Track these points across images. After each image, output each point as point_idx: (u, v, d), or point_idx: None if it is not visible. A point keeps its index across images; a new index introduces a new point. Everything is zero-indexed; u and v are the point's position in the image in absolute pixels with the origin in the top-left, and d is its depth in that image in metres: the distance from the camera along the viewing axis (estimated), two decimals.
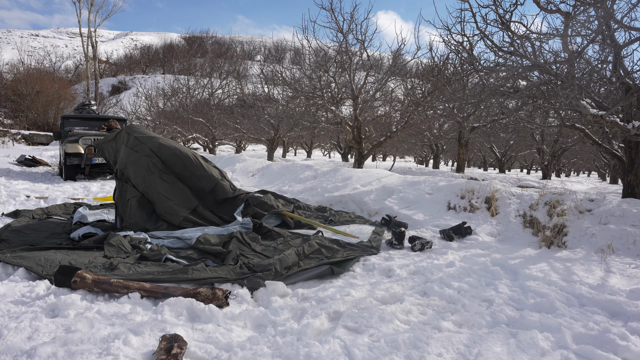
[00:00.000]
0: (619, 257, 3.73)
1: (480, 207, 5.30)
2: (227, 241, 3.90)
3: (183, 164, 4.84)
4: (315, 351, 2.06)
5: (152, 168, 4.65)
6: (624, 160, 5.86)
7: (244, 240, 3.95)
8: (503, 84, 6.35)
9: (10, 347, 2.00)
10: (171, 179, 4.75)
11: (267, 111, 18.42)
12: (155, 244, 3.88)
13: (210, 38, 75.04)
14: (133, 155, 4.69)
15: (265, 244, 4.08)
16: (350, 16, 9.97)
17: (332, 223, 5.23)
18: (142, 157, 4.68)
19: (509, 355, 2.11)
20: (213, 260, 3.52)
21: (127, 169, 4.65)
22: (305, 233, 4.54)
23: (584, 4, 4.96)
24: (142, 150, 4.73)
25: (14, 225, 4.34)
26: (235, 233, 4.02)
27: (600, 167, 24.87)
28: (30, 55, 44.42)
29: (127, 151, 4.73)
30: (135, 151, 4.72)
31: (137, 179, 4.59)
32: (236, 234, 4.01)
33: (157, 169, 4.68)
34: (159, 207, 4.56)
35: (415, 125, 11.81)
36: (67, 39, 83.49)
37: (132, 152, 4.71)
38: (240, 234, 4.03)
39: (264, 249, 3.90)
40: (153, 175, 4.62)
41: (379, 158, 36.01)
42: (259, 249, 3.86)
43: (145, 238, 4.00)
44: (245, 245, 3.89)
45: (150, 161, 4.68)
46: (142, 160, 4.66)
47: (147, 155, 4.70)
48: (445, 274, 3.34)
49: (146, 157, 4.68)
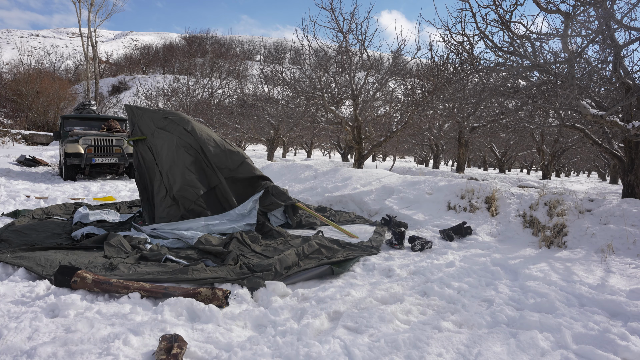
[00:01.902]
0: (619, 257, 3.73)
1: (480, 207, 5.30)
2: (228, 242, 3.90)
3: (215, 142, 5.04)
4: (315, 351, 2.06)
5: (181, 144, 4.84)
6: (624, 160, 5.86)
7: (243, 241, 3.96)
8: (503, 84, 6.36)
9: (10, 347, 2.00)
10: (197, 155, 4.90)
11: (267, 111, 18.43)
12: (155, 244, 3.88)
13: (210, 38, 75.07)
14: (167, 136, 4.90)
15: (265, 244, 4.09)
16: (350, 16, 9.98)
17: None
18: (175, 136, 4.89)
19: (509, 355, 2.11)
20: (213, 260, 3.52)
21: (159, 151, 4.81)
22: (306, 234, 4.54)
23: (584, 4, 4.97)
24: (176, 130, 4.94)
25: (14, 225, 4.34)
26: (236, 234, 4.03)
27: (600, 167, 24.89)
28: (30, 55, 44.46)
29: (162, 133, 4.92)
30: (169, 131, 4.92)
31: (167, 158, 4.74)
32: (236, 234, 4.02)
33: (186, 145, 4.87)
34: (180, 181, 4.64)
35: (415, 125, 11.81)
36: (67, 39, 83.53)
37: (167, 133, 4.91)
38: (241, 234, 4.05)
39: (264, 249, 3.91)
40: (180, 150, 4.80)
41: (379, 158, 36.02)
42: (259, 249, 3.87)
43: (145, 238, 4.01)
44: (245, 246, 3.90)
45: (181, 139, 4.87)
46: (174, 139, 4.86)
47: (179, 135, 4.90)
48: (445, 274, 3.34)
49: (178, 138, 4.88)
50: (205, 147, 4.90)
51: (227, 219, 4.66)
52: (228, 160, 4.99)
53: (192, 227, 4.39)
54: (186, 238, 4.11)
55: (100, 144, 9.66)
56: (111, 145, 9.78)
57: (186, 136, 4.91)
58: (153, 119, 5.01)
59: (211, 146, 4.95)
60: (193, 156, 4.84)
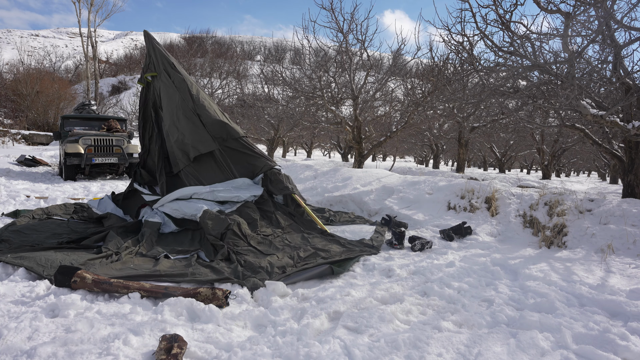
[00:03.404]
0: (619, 257, 3.73)
1: (480, 207, 5.30)
2: (224, 233, 3.93)
3: (215, 111, 5.11)
4: (315, 351, 2.06)
5: (182, 105, 4.95)
6: (624, 160, 5.86)
7: (240, 232, 3.97)
8: (503, 84, 6.36)
9: (10, 347, 2.00)
10: (195, 119, 4.97)
11: (267, 111, 18.43)
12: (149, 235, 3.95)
13: (210, 38, 74.97)
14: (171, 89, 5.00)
15: (263, 234, 4.10)
16: (350, 16, 9.98)
17: (332, 223, 5.22)
18: (179, 94, 4.98)
19: (509, 355, 2.11)
20: (206, 253, 3.61)
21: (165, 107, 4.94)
22: (307, 229, 4.53)
23: (584, 4, 4.96)
24: (183, 89, 5.02)
25: (14, 225, 4.34)
26: (233, 225, 4.01)
27: (600, 167, 24.88)
28: (30, 55, 44.45)
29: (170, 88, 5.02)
30: (177, 88, 5.02)
31: (170, 114, 4.86)
32: (233, 225, 4.00)
33: (186, 107, 4.96)
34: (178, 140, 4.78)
35: (415, 125, 11.81)
36: (67, 39, 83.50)
37: (175, 88, 5.00)
38: (238, 225, 4.04)
39: (260, 242, 3.94)
40: (180, 111, 4.92)
41: (379, 158, 36.01)
42: (255, 242, 3.88)
43: (159, 223, 4.22)
44: (241, 239, 3.89)
45: (183, 97, 4.97)
46: (178, 97, 4.96)
47: (183, 98, 4.98)
48: (445, 274, 3.34)
49: (182, 100, 4.96)
50: (204, 114, 5.00)
51: (233, 187, 4.70)
52: (223, 131, 5.04)
53: (197, 192, 4.46)
54: (191, 215, 4.24)
55: (100, 144, 9.66)
56: (111, 145, 9.78)
57: (188, 101, 4.99)
58: (164, 62, 5.13)
59: (210, 114, 5.04)
60: (190, 120, 4.92)
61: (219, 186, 4.66)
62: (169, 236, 4.20)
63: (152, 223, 4.20)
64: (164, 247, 3.77)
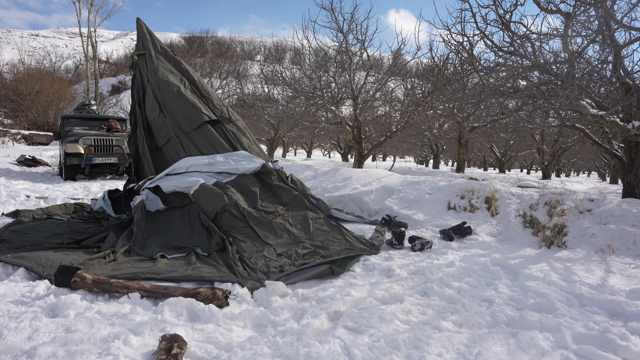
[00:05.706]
0: (619, 257, 3.73)
1: (480, 207, 5.30)
2: (221, 213, 3.87)
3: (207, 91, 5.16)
4: (315, 351, 2.06)
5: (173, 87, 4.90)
6: (624, 160, 5.86)
7: (239, 212, 3.93)
8: (503, 84, 6.35)
9: (10, 347, 2.00)
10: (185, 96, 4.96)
11: (267, 111, 18.42)
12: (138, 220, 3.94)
13: (210, 38, 74.92)
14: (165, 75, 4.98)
15: (264, 210, 4.06)
16: (350, 16, 9.98)
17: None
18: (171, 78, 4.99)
19: (509, 355, 2.11)
20: (201, 247, 3.61)
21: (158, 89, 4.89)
22: (310, 204, 4.51)
23: (584, 4, 4.96)
24: (174, 75, 5.05)
25: (14, 225, 4.34)
26: (230, 205, 3.94)
27: (600, 167, 24.88)
28: (30, 55, 44.46)
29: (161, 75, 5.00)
30: (172, 72, 5.06)
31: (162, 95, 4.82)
32: (230, 206, 3.93)
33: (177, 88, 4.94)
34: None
35: (415, 125, 11.81)
36: (67, 39, 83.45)
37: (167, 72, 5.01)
38: (236, 204, 3.98)
39: (259, 222, 3.88)
40: (173, 90, 4.87)
41: (379, 158, 36.01)
42: (254, 222, 3.84)
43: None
44: (240, 219, 3.86)
45: (176, 79, 4.99)
46: (172, 77, 4.97)
47: (177, 82, 4.98)
48: (445, 274, 3.34)
49: (176, 84, 4.94)
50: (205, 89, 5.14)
51: (232, 159, 4.55)
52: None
53: (194, 164, 4.34)
54: (185, 187, 4.12)
55: (100, 144, 9.66)
56: (111, 145, 9.78)
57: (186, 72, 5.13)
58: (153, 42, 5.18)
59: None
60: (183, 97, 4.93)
61: (219, 156, 4.50)
62: (157, 217, 4.09)
63: (136, 206, 4.09)
64: (157, 243, 3.75)
